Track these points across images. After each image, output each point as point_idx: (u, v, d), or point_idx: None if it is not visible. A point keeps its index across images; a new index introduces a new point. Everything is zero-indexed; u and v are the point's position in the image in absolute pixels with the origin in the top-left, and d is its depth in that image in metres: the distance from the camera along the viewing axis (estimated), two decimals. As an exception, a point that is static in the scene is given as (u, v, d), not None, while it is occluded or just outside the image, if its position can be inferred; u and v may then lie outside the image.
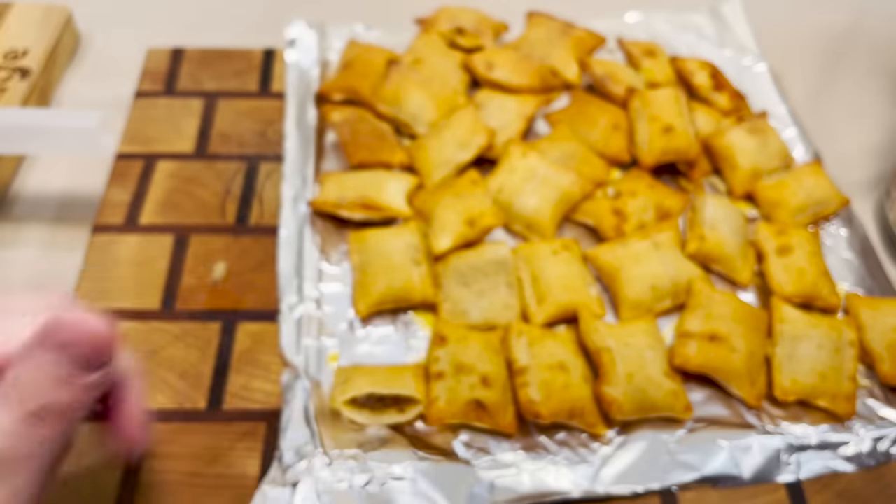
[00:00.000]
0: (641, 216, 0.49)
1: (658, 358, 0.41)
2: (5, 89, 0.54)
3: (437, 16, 0.60)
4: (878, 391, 0.42)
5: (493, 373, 0.40)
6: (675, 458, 0.39)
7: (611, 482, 0.38)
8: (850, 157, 0.57)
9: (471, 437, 0.39)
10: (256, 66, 0.59)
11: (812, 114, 0.59)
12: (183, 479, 0.38)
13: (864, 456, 0.40)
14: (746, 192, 0.51)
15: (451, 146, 0.51)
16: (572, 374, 0.40)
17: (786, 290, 0.45)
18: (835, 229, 0.51)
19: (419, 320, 0.44)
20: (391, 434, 0.39)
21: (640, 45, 0.59)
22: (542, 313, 0.44)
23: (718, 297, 0.44)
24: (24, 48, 0.57)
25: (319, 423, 0.39)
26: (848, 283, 0.48)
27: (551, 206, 0.48)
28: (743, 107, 0.56)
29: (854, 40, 0.68)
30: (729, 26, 0.63)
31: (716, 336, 0.42)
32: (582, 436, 0.40)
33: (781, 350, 0.42)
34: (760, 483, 0.39)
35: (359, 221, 0.48)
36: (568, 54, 0.58)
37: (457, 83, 0.56)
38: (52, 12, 0.60)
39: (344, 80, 0.54)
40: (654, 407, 0.39)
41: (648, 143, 0.52)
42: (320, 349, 0.42)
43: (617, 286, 0.45)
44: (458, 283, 0.45)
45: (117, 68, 0.59)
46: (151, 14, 0.66)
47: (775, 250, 0.47)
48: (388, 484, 0.37)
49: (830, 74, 0.64)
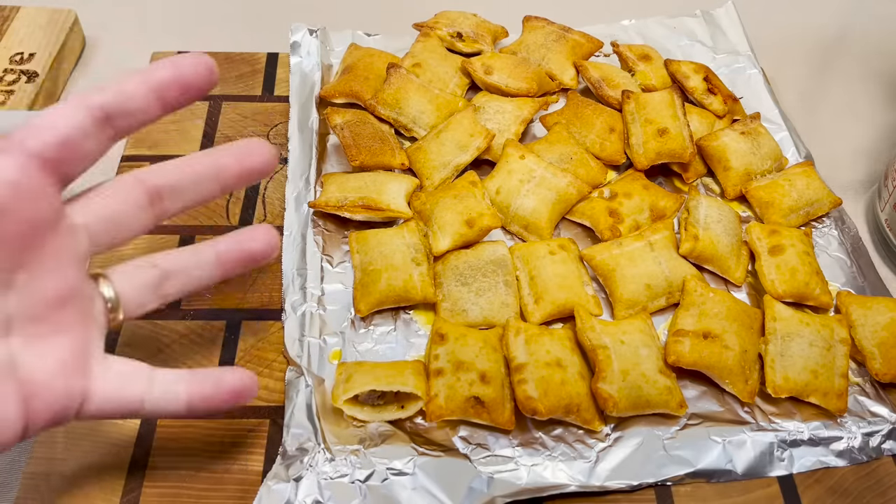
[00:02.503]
0: (636, 217, 0.50)
1: (653, 355, 0.42)
2: (12, 92, 0.55)
3: (436, 20, 0.61)
4: (870, 388, 0.43)
5: (492, 370, 0.41)
6: (670, 454, 0.39)
7: (606, 477, 0.38)
8: (841, 158, 0.58)
9: (470, 433, 0.40)
10: (260, 70, 0.60)
11: (804, 116, 0.60)
12: (187, 475, 0.38)
13: (856, 451, 0.40)
14: (739, 192, 0.52)
15: (450, 148, 0.52)
16: (569, 371, 0.41)
17: (778, 289, 0.46)
18: (826, 229, 0.51)
19: (419, 319, 0.45)
20: (392, 430, 0.40)
21: (634, 49, 0.59)
22: (539, 312, 0.45)
23: (712, 295, 0.44)
24: (31, 51, 0.58)
25: (322, 419, 0.39)
26: (839, 282, 0.48)
27: (548, 207, 0.49)
28: (736, 109, 0.57)
29: (845, 44, 0.69)
30: (723, 30, 0.64)
31: (709, 334, 0.42)
32: (578, 431, 0.40)
33: (774, 347, 0.43)
34: (753, 478, 0.39)
35: (360, 222, 0.49)
36: (564, 58, 0.59)
37: (455, 87, 0.57)
38: (59, 16, 0.61)
39: (345, 83, 0.55)
40: (648, 403, 0.40)
41: (643, 146, 0.52)
42: (322, 347, 0.43)
43: (612, 285, 0.46)
44: (457, 282, 0.46)
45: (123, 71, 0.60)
46: (156, 18, 0.67)
47: (768, 250, 0.48)
48: (388, 479, 0.38)
49: (822, 77, 0.65)
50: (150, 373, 0.31)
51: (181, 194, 0.31)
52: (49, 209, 0.27)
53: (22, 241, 0.27)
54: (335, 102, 0.56)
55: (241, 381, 0.32)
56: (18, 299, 0.27)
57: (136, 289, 0.31)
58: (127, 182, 0.30)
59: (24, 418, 0.27)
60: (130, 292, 0.31)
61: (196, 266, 0.33)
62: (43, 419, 0.28)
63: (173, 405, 0.31)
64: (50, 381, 0.28)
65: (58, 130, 0.27)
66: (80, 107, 0.27)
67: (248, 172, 0.32)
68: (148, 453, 0.39)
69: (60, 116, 0.27)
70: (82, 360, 0.29)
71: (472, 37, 0.60)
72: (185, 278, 0.33)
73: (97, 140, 0.28)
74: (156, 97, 0.29)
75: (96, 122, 0.28)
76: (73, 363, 0.29)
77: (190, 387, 0.31)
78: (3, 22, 0.60)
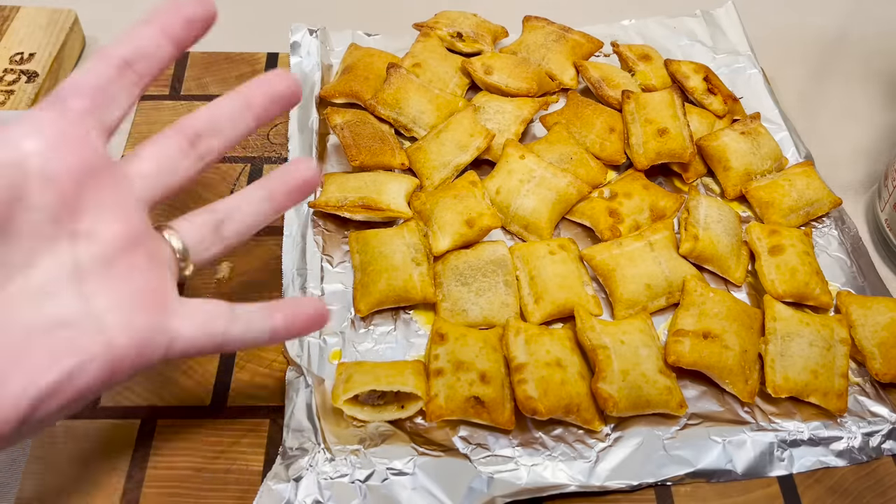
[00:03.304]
0: (636, 217, 0.50)
1: (653, 355, 0.42)
2: (12, 92, 0.55)
3: (435, 20, 0.61)
4: (870, 388, 0.43)
5: (492, 370, 0.41)
6: (670, 454, 0.39)
7: (606, 477, 0.38)
8: (841, 158, 0.58)
9: (470, 433, 0.40)
10: (260, 70, 0.60)
11: (804, 116, 0.60)
12: (188, 475, 0.38)
13: (856, 451, 0.40)
14: (739, 192, 0.52)
15: (450, 148, 0.52)
16: (569, 371, 0.41)
17: (778, 288, 0.46)
18: (826, 229, 0.51)
19: (419, 319, 0.45)
20: (392, 430, 0.40)
21: (634, 49, 0.59)
22: (539, 312, 0.45)
23: (712, 295, 0.44)
24: (31, 51, 0.58)
25: (321, 419, 0.39)
26: (839, 282, 0.49)
27: (548, 208, 0.49)
28: (736, 109, 0.57)
29: (845, 45, 0.69)
30: (723, 30, 0.64)
31: (709, 334, 0.42)
32: (578, 431, 0.40)
33: (774, 347, 0.43)
34: (753, 478, 0.39)
35: (360, 222, 0.49)
36: (564, 58, 0.59)
37: (455, 87, 0.57)
38: (59, 16, 0.61)
39: (345, 83, 0.55)
40: (648, 403, 0.40)
41: (643, 146, 0.52)
42: (322, 347, 0.43)
43: (612, 285, 0.46)
44: (458, 282, 0.46)
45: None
46: (155, 18, 0.67)
47: (768, 250, 0.48)
48: (388, 478, 0.38)
49: (822, 78, 0.65)
50: (230, 307, 0.32)
51: (219, 132, 0.33)
52: (97, 154, 0.29)
53: (77, 186, 0.28)
54: (335, 102, 0.56)
55: (315, 308, 0.34)
56: (85, 245, 0.28)
57: (199, 235, 0.33)
58: (165, 133, 0.32)
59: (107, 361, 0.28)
60: (195, 239, 0.32)
61: (249, 204, 0.34)
62: (129, 360, 0.28)
63: (257, 334, 0.32)
64: (130, 319, 0.28)
65: (87, 82, 0.29)
66: (100, 59, 0.30)
67: (276, 100, 0.34)
68: (148, 453, 0.39)
69: (86, 71, 0.29)
70: (161, 298, 0.30)
71: (472, 37, 0.60)
72: (242, 217, 0.34)
73: (123, 85, 0.30)
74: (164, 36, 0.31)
75: (118, 69, 0.30)
76: (152, 301, 0.29)
77: (271, 315, 0.33)
78: (3, 22, 0.60)
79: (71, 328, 0.27)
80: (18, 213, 0.26)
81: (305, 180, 0.35)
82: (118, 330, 0.28)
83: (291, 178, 0.35)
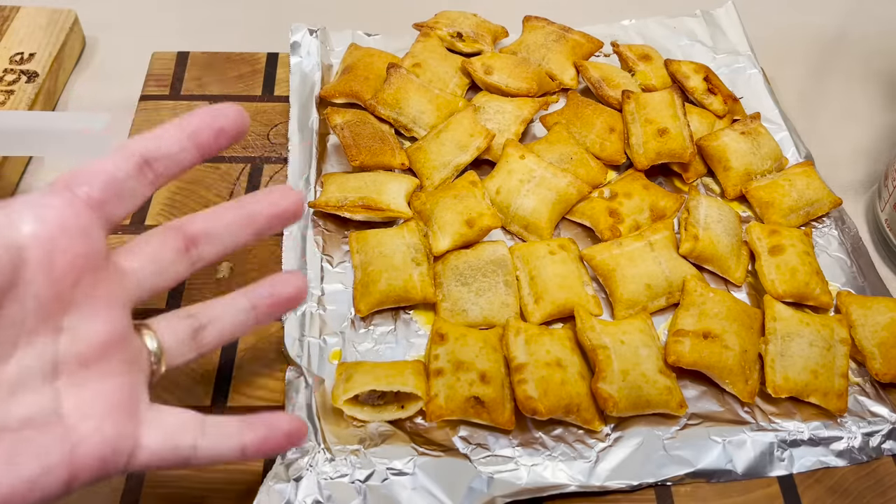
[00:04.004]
0: (636, 217, 0.50)
1: (653, 355, 0.42)
2: (12, 92, 0.55)
3: (436, 20, 0.61)
4: (870, 388, 0.43)
5: (492, 370, 0.41)
6: (670, 454, 0.39)
7: (606, 477, 0.38)
8: (841, 158, 0.58)
9: (470, 433, 0.40)
10: (260, 70, 0.60)
11: (804, 116, 0.60)
12: (188, 475, 0.38)
13: (856, 451, 0.40)
14: (739, 192, 0.52)
15: (450, 148, 0.52)
16: (569, 370, 0.41)
17: (778, 288, 0.46)
18: (826, 229, 0.52)
19: (419, 319, 0.45)
20: (392, 430, 0.40)
21: (634, 49, 0.60)
22: (539, 312, 0.45)
23: (712, 295, 0.44)
24: (31, 51, 0.58)
25: (322, 419, 0.40)
26: (839, 282, 0.49)
27: (548, 208, 0.49)
28: (736, 109, 0.57)
29: (845, 45, 0.69)
30: (723, 30, 0.64)
31: (709, 334, 0.42)
32: (578, 431, 0.40)
33: (774, 347, 0.43)
34: (753, 478, 0.39)
35: (360, 222, 0.49)
36: (564, 58, 0.59)
37: (455, 87, 0.57)
38: (59, 16, 0.61)
39: (345, 83, 0.55)
40: (648, 403, 0.40)
41: (643, 146, 0.52)
42: (322, 347, 0.43)
43: (612, 285, 0.46)
44: (458, 282, 0.46)
45: (123, 71, 0.60)
46: (156, 18, 0.67)
47: (768, 250, 0.48)
48: (388, 478, 0.38)
49: (822, 78, 0.65)
50: (201, 420, 0.31)
51: (215, 240, 0.32)
52: (96, 249, 0.28)
53: (71, 279, 0.27)
54: (335, 102, 0.56)
55: (291, 425, 0.33)
56: (67, 342, 0.27)
57: (175, 339, 0.32)
58: (163, 229, 0.32)
59: (69, 468, 0.27)
60: (171, 343, 0.32)
61: (231, 314, 0.34)
62: (90, 469, 0.27)
63: (227, 452, 0.31)
64: (98, 426, 0.28)
65: (101, 173, 0.29)
66: (121, 153, 0.29)
67: (278, 218, 0.33)
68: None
69: (105, 162, 0.29)
70: (131, 406, 0.29)
71: (472, 37, 0.60)
72: (222, 326, 0.33)
73: (138, 182, 0.30)
74: (190, 141, 0.30)
75: (137, 165, 0.29)
76: (122, 409, 0.29)
77: (243, 433, 0.32)
78: (3, 22, 0.60)
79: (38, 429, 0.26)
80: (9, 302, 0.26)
81: (290, 297, 0.34)
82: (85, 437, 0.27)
83: (277, 294, 0.34)
